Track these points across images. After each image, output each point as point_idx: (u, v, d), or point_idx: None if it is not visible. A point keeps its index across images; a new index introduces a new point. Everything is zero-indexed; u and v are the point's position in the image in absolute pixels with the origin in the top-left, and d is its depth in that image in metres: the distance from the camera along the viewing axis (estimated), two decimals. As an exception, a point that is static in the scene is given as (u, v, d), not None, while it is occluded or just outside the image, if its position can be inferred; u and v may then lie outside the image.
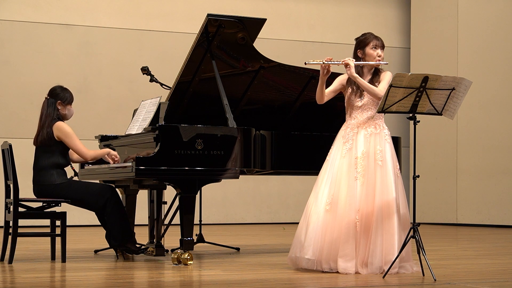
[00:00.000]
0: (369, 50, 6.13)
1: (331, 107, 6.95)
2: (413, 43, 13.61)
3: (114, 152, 6.96)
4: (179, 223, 6.60)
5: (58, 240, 6.66)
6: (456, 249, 8.55)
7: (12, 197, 6.61)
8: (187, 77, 7.21)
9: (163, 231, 7.26)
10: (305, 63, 6.06)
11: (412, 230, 5.72)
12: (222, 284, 5.40)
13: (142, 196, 7.89)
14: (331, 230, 5.91)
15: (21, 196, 6.67)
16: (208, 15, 6.92)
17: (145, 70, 7.55)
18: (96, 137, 7.68)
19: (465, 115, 12.41)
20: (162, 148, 6.46)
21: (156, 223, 7.23)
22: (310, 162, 7.09)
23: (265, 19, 7.23)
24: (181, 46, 11.86)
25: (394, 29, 13.94)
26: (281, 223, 12.96)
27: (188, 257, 6.47)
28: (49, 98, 6.90)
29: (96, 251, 7.55)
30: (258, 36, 7.24)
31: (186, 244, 6.54)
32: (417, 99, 5.72)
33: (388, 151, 6.03)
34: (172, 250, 7.10)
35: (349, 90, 6.15)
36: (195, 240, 7.60)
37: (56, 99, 6.89)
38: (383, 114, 6.09)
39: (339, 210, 5.91)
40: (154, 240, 7.24)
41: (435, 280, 5.49)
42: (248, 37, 7.15)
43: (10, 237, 6.61)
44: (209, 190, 10.59)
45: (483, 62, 12.41)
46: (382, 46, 6.14)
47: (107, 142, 7.50)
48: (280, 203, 13.15)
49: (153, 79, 7.62)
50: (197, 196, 7.34)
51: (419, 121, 5.82)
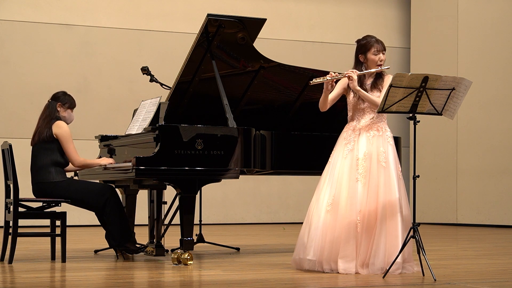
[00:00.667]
0: (371, 55, 6.13)
1: (331, 107, 6.94)
2: (413, 43, 13.61)
3: (106, 161, 7.02)
4: (179, 223, 6.60)
5: (58, 240, 6.67)
6: (456, 249, 8.55)
7: (12, 197, 6.61)
8: (187, 77, 7.21)
9: (163, 231, 7.26)
10: (309, 83, 6.11)
11: (412, 230, 5.72)
12: (222, 284, 5.40)
13: (142, 196, 7.89)
14: (332, 231, 5.91)
15: (21, 196, 6.67)
16: (208, 15, 6.92)
17: (145, 70, 7.55)
18: (96, 137, 7.69)
19: (465, 115, 12.41)
20: (162, 148, 6.46)
21: (156, 223, 7.22)
22: (310, 162, 7.09)
23: (265, 19, 7.23)
24: (181, 46, 11.85)
25: (394, 29, 13.93)
26: (281, 223, 12.95)
27: (188, 257, 6.47)
28: (50, 101, 6.98)
29: (96, 251, 7.55)
30: (258, 36, 7.24)
31: (186, 244, 6.54)
32: (417, 99, 5.72)
33: (391, 153, 6.03)
34: (172, 250, 7.10)
35: (352, 93, 6.16)
36: (195, 240, 7.60)
37: (57, 101, 6.96)
38: (385, 116, 6.09)
39: (340, 211, 5.92)
40: (154, 240, 7.24)
41: (435, 280, 5.49)
42: (248, 37, 7.15)
43: (10, 237, 6.61)
44: (209, 190, 10.59)
45: (483, 62, 12.41)
46: (383, 50, 6.15)
47: (107, 142, 7.50)
48: (280, 203, 13.15)
49: (153, 79, 7.62)
50: (197, 196, 7.34)
51: (419, 121, 5.82)
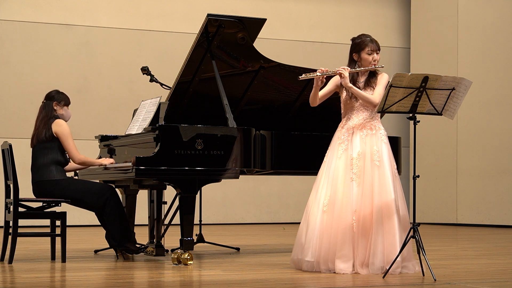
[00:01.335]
0: (364, 55, 6.12)
1: (331, 107, 6.95)
2: (413, 43, 13.61)
3: (107, 161, 7.02)
4: (179, 223, 6.60)
5: (58, 240, 6.67)
6: (456, 249, 8.55)
7: (12, 197, 6.61)
8: (187, 77, 7.21)
9: (163, 231, 7.26)
10: (299, 78, 6.07)
11: (412, 230, 5.72)
12: (222, 284, 5.40)
13: (142, 196, 7.89)
14: (329, 232, 5.91)
15: (21, 196, 6.67)
16: (208, 15, 6.92)
17: (145, 70, 7.56)
18: (96, 137, 7.69)
19: (465, 115, 12.41)
20: (162, 148, 6.46)
21: (156, 223, 7.22)
22: (310, 162, 7.08)
23: (265, 19, 7.23)
24: (181, 46, 11.85)
25: (394, 29, 13.93)
26: (281, 223, 12.95)
27: (188, 257, 6.46)
28: (45, 101, 6.97)
29: (96, 251, 7.55)
30: (258, 36, 7.24)
31: (186, 244, 6.54)
32: (417, 99, 5.72)
33: (385, 151, 6.02)
34: (172, 250, 7.10)
35: (344, 91, 6.15)
36: (195, 240, 7.60)
37: (52, 101, 6.96)
38: (379, 114, 6.08)
39: (335, 211, 5.91)
40: (154, 240, 7.24)
41: (435, 280, 5.49)
42: (248, 37, 7.15)
43: (10, 237, 6.61)
44: (209, 190, 10.59)
45: (483, 62, 12.41)
46: (378, 50, 6.14)
47: (107, 142, 7.50)
48: (280, 203, 13.15)
49: (153, 79, 7.62)
50: (197, 196, 7.34)
51: (419, 121, 5.81)
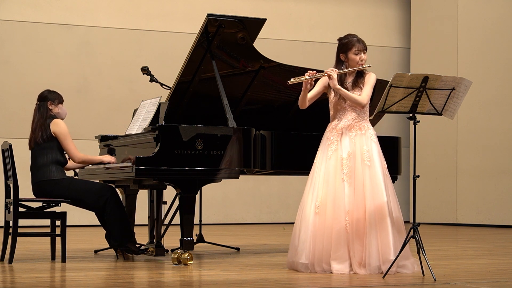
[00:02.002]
0: (351, 55, 6.12)
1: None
2: (413, 43, 13.60)
3: (108, 158, 7.02)
4: (179, 223, 6.60)
5: (58, 240, 6.67)
6: (456, 249, 8.55)
7: (12, 197, 6.61)
8: (187, 77, 7.21)
9: (163, 231, 7.26)
10: (287, 82, 6.06)
11: (412, 230, 5.72)
12: (222, 284, 5.40)
13: (142, 196, 7.89)
14: (321, 233, 5.90)
15: (21, 196, 6.67)
16: (208, 15, 6.92)
17: (145, 70, 7.55)
18: (96, 137, 7.68)
19: (465, 115, 12.41)
20: (162, 148, 6.46)
21: (156, 223, 7.22)
22: (310, 162, 7.08)
23: (265, 19, 7.23)
24: (181, 46, 11.85)
25: (394, 29, 13.93)
26: (281, 223, 12.95)
27: (188, 257, 6.46)
28: (39, 102, 6.97)
29: (96, 251, 7.55)
30: (258, 36, 7.24)
31: (186, 244, 6.54)
32: (417, 99, 5.72)
33: (375, 150, 6.01)
34: (172, 250, 7.10)
35: (332, 92, 6.14)
36: (195, 240, 7.60)
37: (46, 101, 6.95)
38: (367, 115, 6.08)
39: (328, 213, 5.90)
40: (154, 240, 7.24)
41: (435, 280, 5.49)
42: (248, 37, 7.15)
43: (10, 237, 6.61)
44: (209, 190, 10.59)
45: (483, 62, 12.41)
46: (365, 50, 6.14)
47: (107, 142, 7.49)
48: (280, 203, 13.15)
49: (153, 79, 7.62)
50: (197, 196, 7.33)
51: (419, 121, 5.81)
